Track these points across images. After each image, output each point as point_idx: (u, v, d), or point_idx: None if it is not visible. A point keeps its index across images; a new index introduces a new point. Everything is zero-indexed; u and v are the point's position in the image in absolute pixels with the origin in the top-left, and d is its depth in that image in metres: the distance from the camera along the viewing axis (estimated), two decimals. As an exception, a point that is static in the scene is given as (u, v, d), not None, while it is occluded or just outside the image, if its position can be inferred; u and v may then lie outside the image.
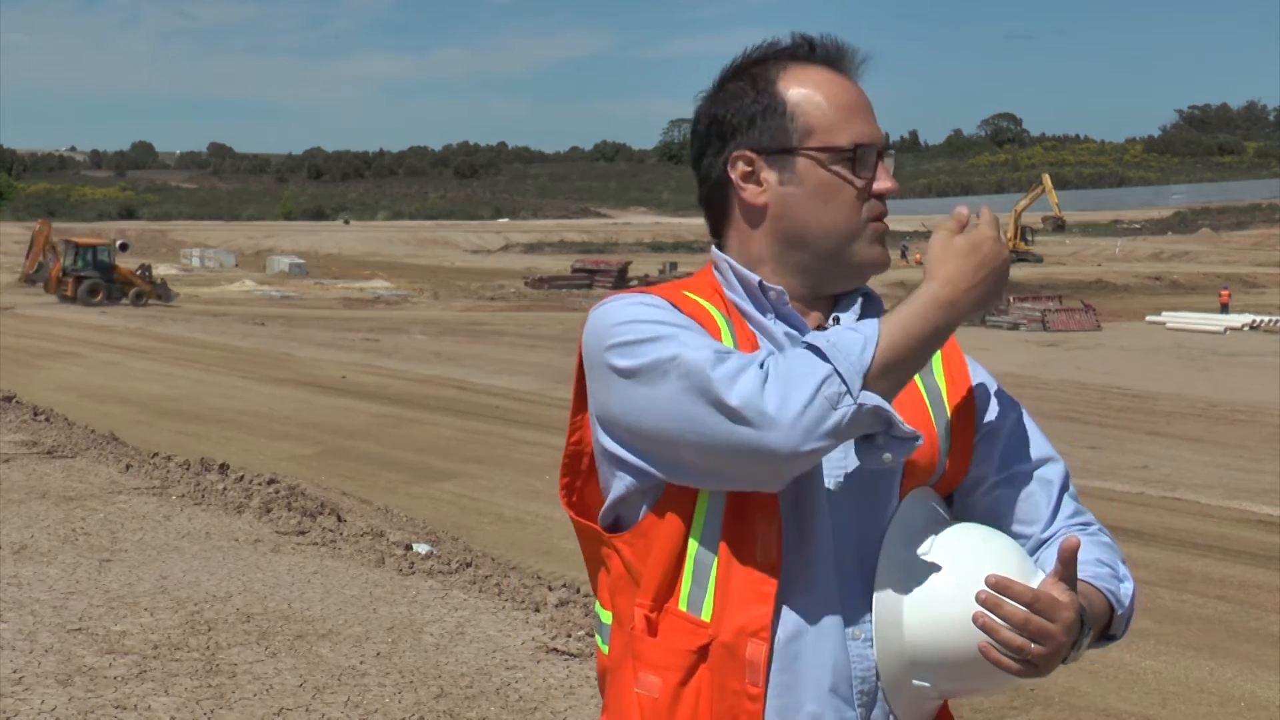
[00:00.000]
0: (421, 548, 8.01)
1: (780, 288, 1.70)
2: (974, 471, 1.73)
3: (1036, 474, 1.74)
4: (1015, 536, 1.70)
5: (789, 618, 1.61)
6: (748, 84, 1.71)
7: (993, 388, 1.77)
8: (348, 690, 4.89)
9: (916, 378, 1.68)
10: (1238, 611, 8.97)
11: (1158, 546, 10.40)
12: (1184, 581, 9.62)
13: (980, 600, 1.51)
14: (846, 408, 1.48)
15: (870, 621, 1.62)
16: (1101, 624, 1.63)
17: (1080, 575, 1.59)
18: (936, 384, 1.72)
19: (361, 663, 5.20)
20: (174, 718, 4.52)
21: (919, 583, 1.60)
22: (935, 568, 1.60)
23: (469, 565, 7.58)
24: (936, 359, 1.73)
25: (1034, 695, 6.61)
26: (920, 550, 1.62)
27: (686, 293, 1.72)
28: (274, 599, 6.02)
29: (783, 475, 1.54)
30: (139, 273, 41.55)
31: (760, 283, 1.70)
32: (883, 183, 1.68)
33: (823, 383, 1.48)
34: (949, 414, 1.70)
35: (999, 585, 1.50)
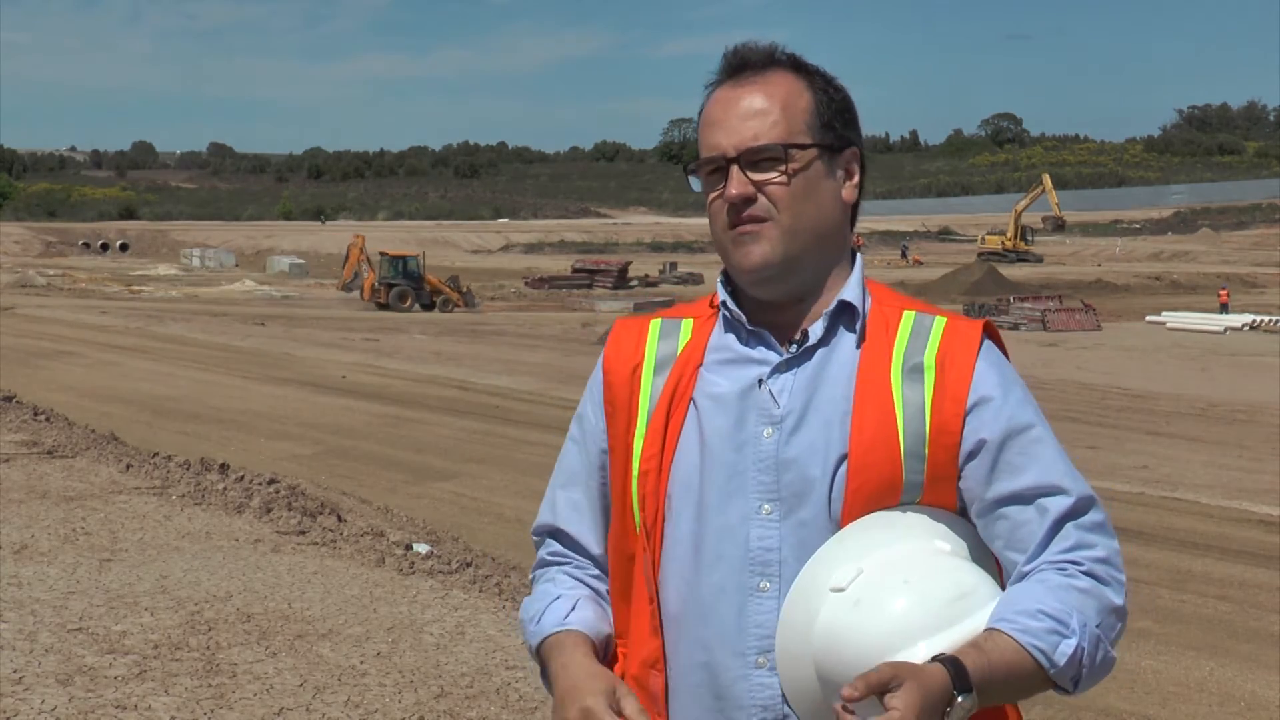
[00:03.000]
0: (421, 548, 8.01)
1: (735, 308, 1.72)
2: (965, 489, 1.64)
3: (1036, 502, 1.61)
4: (1008, 563, 1.64)
5: (685, 648, 1.65)
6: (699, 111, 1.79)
7: (997, 402, 1.63)
8: (348, 690, 4.89)
9: (896, 387, 1.63)
10: (1238, 611, 8.97)
11: (1158, 546, 10.40)
12: (1184, 581, 9.62)
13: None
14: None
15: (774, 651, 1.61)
16: (1031, 680, 1.55)
17: (1006, 628, 1.53)
18: (921, 393, 1.63)
19: (362, 662, 5.20)
20: (174, 717, 4.51)
21: (827, 615, 1.55)
22: (845, 602, 1.54)
23: (469, 565, 7.58)
24: (930, 365, 1.64)
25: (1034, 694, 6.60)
26: (836, 581, 1.56)
27: (654, 319, 1.80)
28: (274, 599, 6.02)
29: None
30: (447, 282, 44.20)
31: (724, 301, 1.73)
32: (728, 190, 1.68)
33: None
34: (928, 428, 1.61)
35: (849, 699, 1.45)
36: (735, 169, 1.66)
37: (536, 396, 19.52)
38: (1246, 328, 34.79)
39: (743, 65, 1.72)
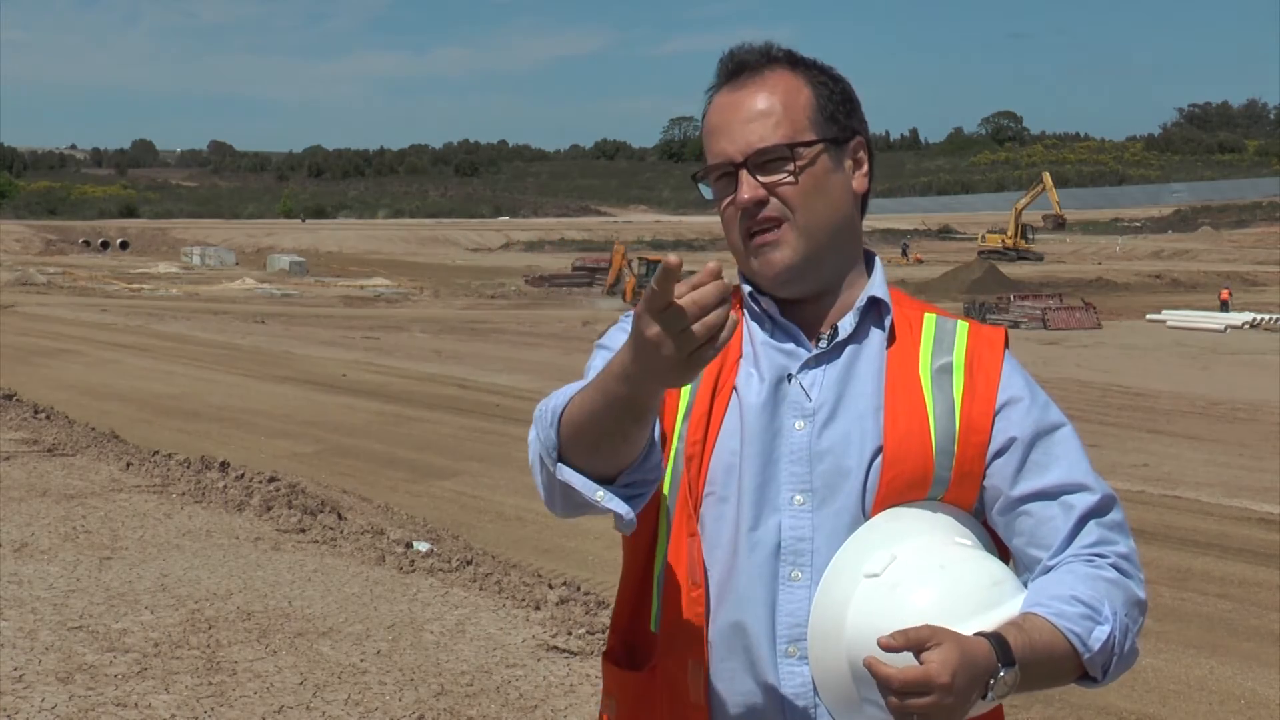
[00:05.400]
0: (422, 546, 8.01)
1: (769, 297, 1.72)
2: (989, 487, 1.68)
3: (1061, 499, 1.65)
4: (1029, 560, 1.67)
5: (722, 636, 1.65)
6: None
7: (1026, 403, 1.68)
8: (348, 688, 4.89)
9: (926, 386, 1.66)
10: (1238, 609, 8.96)
11: (1158, 545, 10.39)
12: (1184, 579, 9.62)
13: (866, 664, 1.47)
14: (551, 475, 1.55)
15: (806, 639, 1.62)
16: (1065, 665, 1.58)
17: (1043, 612, 1.56)
18: (951, 394, 1.67)
19: (362, 660, 5.20)
20: (174, 715, 4.52)
21: (861, 600, 1.57)
22: (880, 587, 1.56)
23: (469, 563, 7.58)
24: (959, 366, 1.68)
25: (1034, 693, 6.61)
26: (871, 568, 1.58)
27: None
28: (274, 597, 6.02)
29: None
30: None
31: (750, 293, 1.73)
32: (739, 195, 1.67)
33: (542, 452, 1.56)
34: (957, 425, 1.65)
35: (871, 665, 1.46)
36: (744, 173, 1.67)
37: (537, 394, 19.23)
38: (1247, 326, 34.77)
39: (739, 68, 1.72)
